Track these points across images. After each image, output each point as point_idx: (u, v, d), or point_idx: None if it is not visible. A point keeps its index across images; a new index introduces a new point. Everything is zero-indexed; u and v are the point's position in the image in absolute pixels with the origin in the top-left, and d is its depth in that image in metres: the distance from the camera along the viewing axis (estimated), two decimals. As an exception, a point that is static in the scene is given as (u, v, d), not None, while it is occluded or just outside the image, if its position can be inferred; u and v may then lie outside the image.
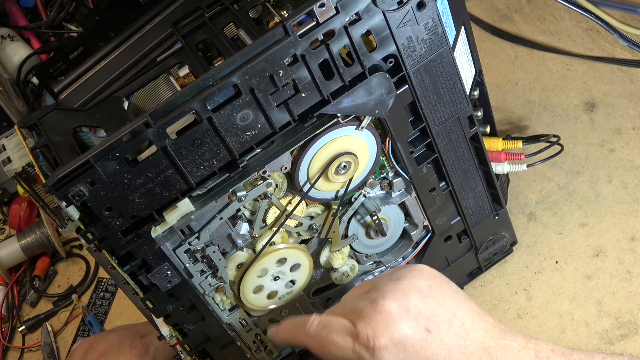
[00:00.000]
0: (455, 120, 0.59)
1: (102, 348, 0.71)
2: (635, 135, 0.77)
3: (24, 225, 0.97)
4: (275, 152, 0.53)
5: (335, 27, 0.49)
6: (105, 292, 0.93)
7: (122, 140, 0.47)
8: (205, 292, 0.58)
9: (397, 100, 0.55)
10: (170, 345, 0.61)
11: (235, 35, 0.61)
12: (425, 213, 0.64)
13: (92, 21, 0.98)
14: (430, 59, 0.54)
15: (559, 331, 0.69)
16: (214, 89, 0.47)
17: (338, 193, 0.59)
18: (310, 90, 0.51)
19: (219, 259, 0.57)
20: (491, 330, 0.50)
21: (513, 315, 0.71)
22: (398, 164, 0.60)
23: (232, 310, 0.62)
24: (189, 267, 0.56)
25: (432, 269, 0.53)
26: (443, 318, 0.49)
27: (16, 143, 0.62)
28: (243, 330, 0.63)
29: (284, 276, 0.60)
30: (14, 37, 1.01)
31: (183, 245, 0.54)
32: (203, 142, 0.49)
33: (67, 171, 0.47)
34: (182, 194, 0.52)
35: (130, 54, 0.63)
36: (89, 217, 0.50)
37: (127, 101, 0.61)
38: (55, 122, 0.58)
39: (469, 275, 0.74)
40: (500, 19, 0.92)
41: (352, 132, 0.55)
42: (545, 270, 0.72)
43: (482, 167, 0.64)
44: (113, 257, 0.53)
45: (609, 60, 0.81)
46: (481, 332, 0.49)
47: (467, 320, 0.50)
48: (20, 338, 0.92)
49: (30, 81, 0.94)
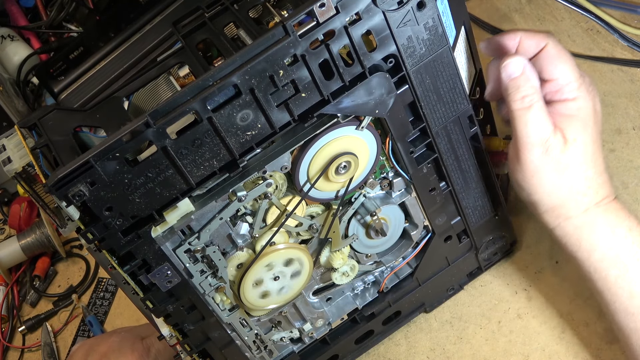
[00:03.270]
0: (456, 120, 0.59)
1: (102, 350, 0.71)
2: (635, 135, 0.76)
3: (24, 225, 0.97)
4: (275, 152, 0.53)
5: (336, 27, 0.49)
6: (106, 292, 0.93)
7: (122, 140, 0.47)
8: (205, 292, 0.58)
9: (397, 100, 0.55)
10: (170, 345, 0.61)
11: (235, 35, 0.61)
12: (425, 213, 0.64)
13: (92, 21, 0.99)
14: (431, 59, 0.54)
15: (559, 331, 0.69)
16: (214, 89, 0.47)
17: (338, 193, 0.59)
18: (310, 90, 0.51)
19: (219, 259, 0.57)
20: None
21: (513, 315, 0.71)
22: (398, 164, 0.60)
23: (232, 310, 0.62)
24: (189, 267, 0.56)
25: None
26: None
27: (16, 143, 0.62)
28: (243, 330, 0.63)
29: (284, 276, 0.61)
30: (14, 37, 1.01)
31: (183, 245, 0.54)
32: (203, 142, 0.49)
33: (67, 171, 0.47)
34: (182, 194, 0.52)
35: (130, 54, 0.63)
36: (89, 217, 0.50)
37: (127, 101, 0.61)
38: (55, 122, 0.58)
39: (469, 275, 0.74)
40: (500, 19, 0.92)
41: (352, 132, 0.55)
42: (546, 270, 0.72)
43: (482, 167, 0.64)
44: (113, 257, 0.53)
45: (609, 60, 0.81)
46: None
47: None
48: (20, 338, 0.92)
49: (30, 81, 0.94)
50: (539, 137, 0.57)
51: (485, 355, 0.70)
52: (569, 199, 0.59)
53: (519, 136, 0.58)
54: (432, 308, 0.74)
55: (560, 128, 0.58)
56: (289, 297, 0.63)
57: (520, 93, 0.57)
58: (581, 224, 0.60)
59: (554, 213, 0.60)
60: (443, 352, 0.72)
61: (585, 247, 0.60)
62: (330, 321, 0.68)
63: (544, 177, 0.59)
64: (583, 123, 0.58)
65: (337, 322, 0.69)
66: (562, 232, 0.61)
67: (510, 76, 0.58)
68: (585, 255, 0.60)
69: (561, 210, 0.60)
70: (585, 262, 0.60)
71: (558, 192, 0.59)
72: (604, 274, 0.59)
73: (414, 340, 0.74)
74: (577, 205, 0.59)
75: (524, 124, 0.57)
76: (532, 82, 0.57)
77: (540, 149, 0.57)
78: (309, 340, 0.69)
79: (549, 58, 0.58)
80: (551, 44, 0.58)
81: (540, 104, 0.57)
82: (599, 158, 0.60)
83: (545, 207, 0.61)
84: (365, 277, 0.68)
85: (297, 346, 0.69)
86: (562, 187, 0.59)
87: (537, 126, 0.57)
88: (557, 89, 0.59)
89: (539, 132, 0.57)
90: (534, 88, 0.57)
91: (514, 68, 0.57)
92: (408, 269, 0.70)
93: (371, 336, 0.73)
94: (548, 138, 0.57)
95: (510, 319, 0.71)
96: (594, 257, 0.59)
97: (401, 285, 0.70)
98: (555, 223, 0.61)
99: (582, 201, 0.59)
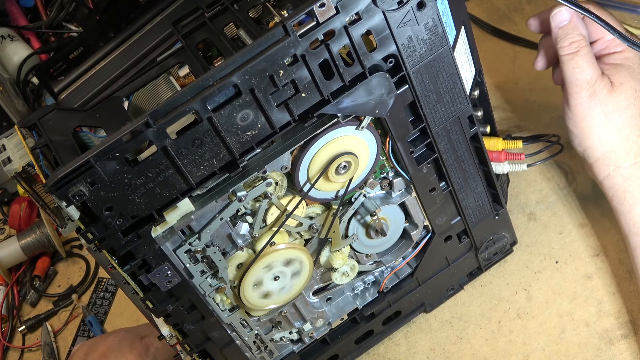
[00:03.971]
0: (456, 120, 0.59)
1: (102, 350, 0.71)
2: (635, 135, 0.77)
3: (24, 225, 0.97)
4: (275, 152, 0.53)
5: (336, 27, 0.49)
6: (106, 292, 0.93)
7: (122, 140, 0.47)
8: (206, 293, 0.58)
9: (397, 100, 0.55)
10: (170, 345, 0.61)
11: (235, 35, 0.61)
12: (425, 213, 0.64)
13: (92, 21, 0.99)
14: (431, 59, 0.54)
15: (559, 331, 0.69)
16: (214, 88, 0.47)
17: (338, 193, 0.59)
18: (311, 90, 0.51)
19: (220, 260, 0.57)
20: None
21: (513, 315, 0.71)
22: (398, 164, 0.60)
23: (232, 310, 0.62)
24: (190, 268, 0.56)
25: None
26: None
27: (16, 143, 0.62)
28: (244, 330, 0.63)
29: (284, 276, 0.60)
30: (14, 37, 1.01)
31: (184, 246, 0.54)
32: (203, 142, 0.49)
33: (67, 171, 0.47)
34: (182, 194, 0.52)
35: (130, 54, 0.63)
36: (89, 217, 0.50)
37: (127, 101, 0.61)
38: (55, 122, 0.58)
39: (469, 275, 0.74)
40: (500, 19, 0.92)
41: (352, 132, 0.55)
42: (546, 270, 0.72)
43: (482, 167, 0.64)
44: (113, 257, 0.53)
45: (609, 60, 0.81)
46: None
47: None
48: (21, 338, 0.92)
49: (30, 81, 0.94)
50: (585, 80, 0.60)
51: (485, 355, 0.70)
52: (619, 145, 0.62)
53: (567, 80, 0.61)
54: (432, 308, 0.74)
55: (608, 75, 0.61)
56: (289, 297, 0.63)
57: (568, 39, 0.61)
58: (629, 175, 0.62)
59: (605, 161, 0.63)
60: (443, 352, 0.72)
61: (629, 200, 0.62)
62: (330, 321, 0.68)
63: (592, 120, 0.61)
64: (630, 70, 0.61)
65: (337, 322, 0.69)
66: (611, 183, 0.63)
67: (559, 25, 0.61)
68: (627, 208, 0.62)
69: (611, 158, 0.62)
70: (626, 215, 0.62)
71: (607, 137, 0.62)
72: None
73: (414, 340, 0.74)
74: (627, 154, 0.62)
75: (572, 68, 0.61)
76: (579, 29, 0.61)
77: (588, 92, 0.60)
78: (309, 340, 0.69)
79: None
80: (592, 7, 0.61)
81: (587, 49, 0.61)
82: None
83: (596, 155, 0.63)
84: (365, 277, 0.68)
85: (297, 346, 0.69)
86: (611, 132, 0.61)
87: (584, 69, 0.60)
88: (604, 45, 0.63)
89: (586, 75, 0.60)
90: (581, 35, 0.61)
91: (563, 16, 0.61)
92: (408, 269, 0.70)
93: (371, 336, 0.73)
94: (595, 81, 0.60)
95: (510, 319, 0.71)
96: (636, 211, 0.62)
97: (401, 285, 0.70)
98: (605, 172, 0.63)
99: (633, 149, 0.61)
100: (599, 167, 0.64)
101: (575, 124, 0.63)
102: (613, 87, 0.61)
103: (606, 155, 0.62)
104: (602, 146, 0.62)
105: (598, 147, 0.62)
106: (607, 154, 0.62)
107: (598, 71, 0.61)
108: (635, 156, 0.62)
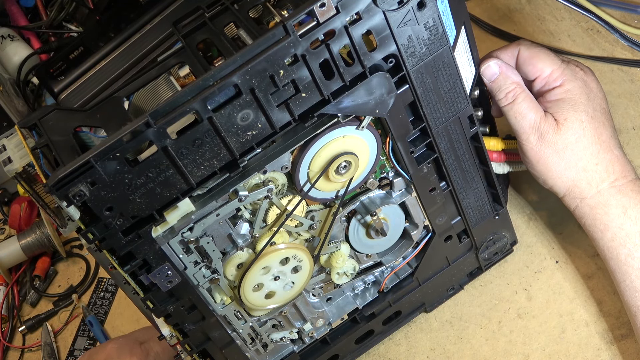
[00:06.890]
0: (456, 120, 0.59)
1: (101, 358, 0.71)
2: (635, 135, 0.76)
3: (24, 225, 0.97)
4: (275, 152, 0.53)
5: (336, 27, 0.49)
6: (106, 292, 0.93)
7: (123, 140, 0.47)
8: (199, 283, 0.57)
9: (398, 100, 0.55)
10: (170, 345, 0.61)
11: (235, 35, 0.61)
12: (425, 213, 0.64)
13: (92, 21, 0.99)
14: (431, 59, 0.54)
15: (559, 331, 0.69)
16: (215, 88, 0.47)
17: (338, 193, 0.59)
18: (311, 90, 0.51)
19: (213, 250, 0.56)
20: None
21: (513, 315, 0.71)
22: (398, 164, 0.60)
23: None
24: (182, 259, 0.55)
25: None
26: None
27: (16, 143, 0.62)
28: (238, 322, 0.63)
29: (284, 276, 0.60)
30: (14, 37, 1.01)
31: (176, 237, 0.54)
32: (203, 142, 0.49)
33: (67, 171, 0.47)
34: (183, 194, 0.52)
35: (130, 54, 0.63)
36: (90, 217, 0.50)
37: (128, 101, 0.61)
38: (55, 122, 0.58)
39: (469, 275, 0.74)
40: (500, 19, 0.92)
41: (353, 131, 0.55)
42: (546, 270, 0.73)
43: (482, 167, 0.64)
44: (113, 257, 0.53)
45: (609, 60, 0.81)
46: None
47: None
48: (21, 338, 0.92)
49: (30, 81, 0.94)
50: (529, 125, 0.61)
51: (485, 355, 0.70)
52: (579, 179, 0.62)
53: (514, 129, 0.63)
54: (432, 308, 0.74)
55: (551, 113, 0.62)
56: (289, 297, 0.63)
57: (503, 91, 0.62)
58: (595, 204, 0.62)
59: (570, 195, 0.63)
60: (443, 352, 0.72)
61: (599, 227, 0.62)
62: (330, 321, 0.68)
63: (547, 161, 0.62)
64: (572, 103, 0.61)
65: (338, 322, 0.69)
66: (580, 213, 0.64)
67: (490, 79, 0.63)
68: (599, 235, 0.63)
69: (575, 192, 0.63)
70: (599, 242, 0.63)
71: (566, 173, 0.62)
72: (615, 253, 0.62)
73: (414, 340, 0.74)
74: (588, 184, 0.62)
75: (514, 117, 0.62)
76: (511, 78, 0.62)
77: (535, 135, 0.61)
78: (309, 340, 0.69)
79: (525, 60, 0.63)
80: (522, 48, 0.63)
81: (523, 95, 0.61)
82: (604, 134, 0.62)
83: (562, 191, 0.64)
84: (365, 277, 0.68)
85: (297, 346, 0.69)
86: (567, 168, 0.62)
87: (525, 115, 0.61)
88: (543, 83, 0.63)
89: (529, 120, 0.61)
90: (515, 83, 0.62)
91: (492, 70, 0.62)
92: (408, 268, 0.70)
93: (371, 336, 0.73)
94: (539, 123, 0.61)
95: (511, 319, 0.71)
96: (607, 237, 0.62)
97: (401, 285, 0.70)
98: (574, 205, 0.64)
99: (594, 179, 0.62)
100: (567, 201, 0.64)
101: (533, 167, 0.64)
102: (558, 124, 0.61)
103: (570, 190, 0.63)
104: (563, 183, 0.63)
105: (560, 185, 0.63)
106: (570, 188, 0.63)
107: (540, 112, 0.61)
108: (597, 185, 0.62)
